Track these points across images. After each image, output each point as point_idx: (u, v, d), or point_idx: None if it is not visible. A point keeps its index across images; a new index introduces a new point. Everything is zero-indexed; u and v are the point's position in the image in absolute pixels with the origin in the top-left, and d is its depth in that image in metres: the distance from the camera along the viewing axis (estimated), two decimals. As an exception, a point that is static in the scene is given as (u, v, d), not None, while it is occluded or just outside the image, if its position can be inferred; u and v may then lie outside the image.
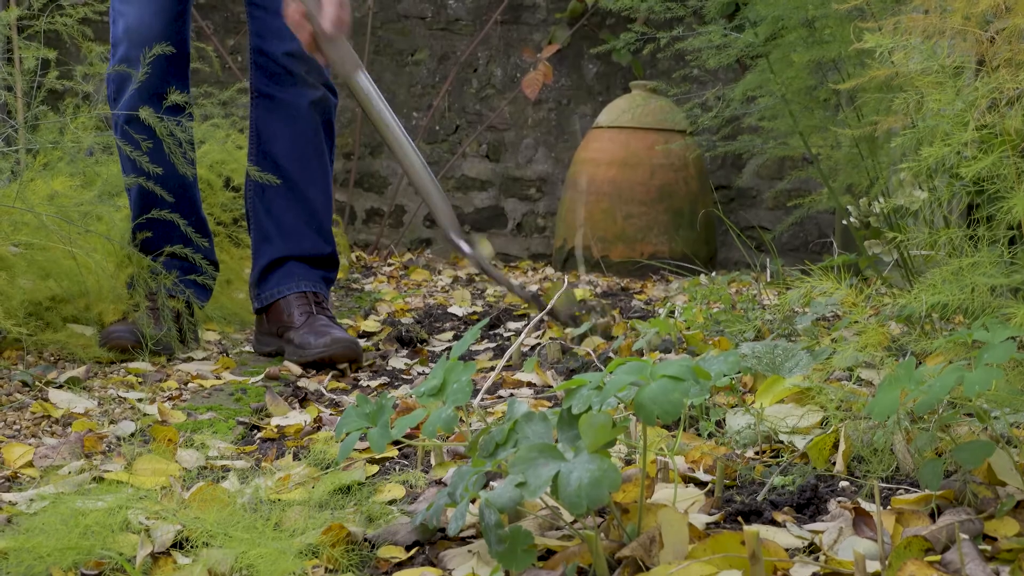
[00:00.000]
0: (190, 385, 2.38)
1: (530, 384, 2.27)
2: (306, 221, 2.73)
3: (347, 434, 1.37)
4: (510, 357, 2.42)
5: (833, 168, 3.29)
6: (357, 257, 4.93)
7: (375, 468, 1.66)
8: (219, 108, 3.79)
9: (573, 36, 5.26)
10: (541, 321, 3.02)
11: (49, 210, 2.75)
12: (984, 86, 1.94)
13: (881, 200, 3.19)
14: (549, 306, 2.52)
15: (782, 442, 1.67)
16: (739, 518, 1.36)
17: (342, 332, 2.58)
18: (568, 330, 2.66)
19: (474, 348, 2.75)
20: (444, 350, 2.75)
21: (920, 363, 1.93)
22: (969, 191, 1.64)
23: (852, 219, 3.68)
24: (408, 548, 1.31)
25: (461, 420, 1.62)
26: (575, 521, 1.30)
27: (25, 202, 2.72)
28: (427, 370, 2.55)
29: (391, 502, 1.48)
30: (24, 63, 3.55)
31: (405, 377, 2.46)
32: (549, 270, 4.88)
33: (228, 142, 3.63)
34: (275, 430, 1.99)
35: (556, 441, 1.22)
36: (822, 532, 1.30)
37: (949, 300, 1.40)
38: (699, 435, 1.76)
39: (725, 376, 1.32)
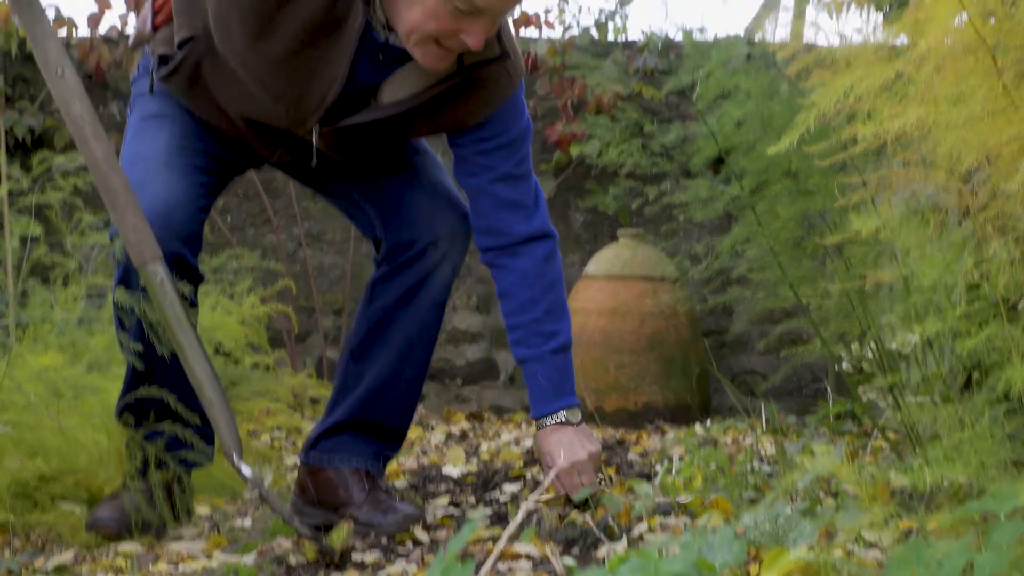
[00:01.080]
0: (181, 567, 2.32)
1: (528, 556, 2.22)
2: (388, 395, 2.64)
3: (343, 636, 1.33)
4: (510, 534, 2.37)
5: (824, 317, 3.29)
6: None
7: (372, 661, 1.61)
8: (210, 274, 3.79)
9: (559, 187, 5.32)
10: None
11: (38, 387, 2.72)
12: (970, 252, 1.95)
13: (874, 346, 3.19)
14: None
15: (790, 619, 1.63)
16: None
17: (405, 506, 2.54)
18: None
19: (470, 514, 2.70)
20: (444, 514, 2.71)
21: (924, 530, 1.89)
22: (966, 366, 1.63)
23: (845, 365, 3.68)
24: None
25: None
26: None
27: (13, 380, 2.70)
28: (422, 539, 2.50)
29: None
30: (14, 236, 3.57)
31: (400, 551, 2.41)
32: (543, 421, 4.83)
33: (218, 308, 3.62)
34: (269, 617, 1.93)
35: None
36: None
37: (952, 475, 1.38)
38: (704, 613, 1.71)
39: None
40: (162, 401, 2.56)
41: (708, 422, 4.19)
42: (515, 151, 2.47)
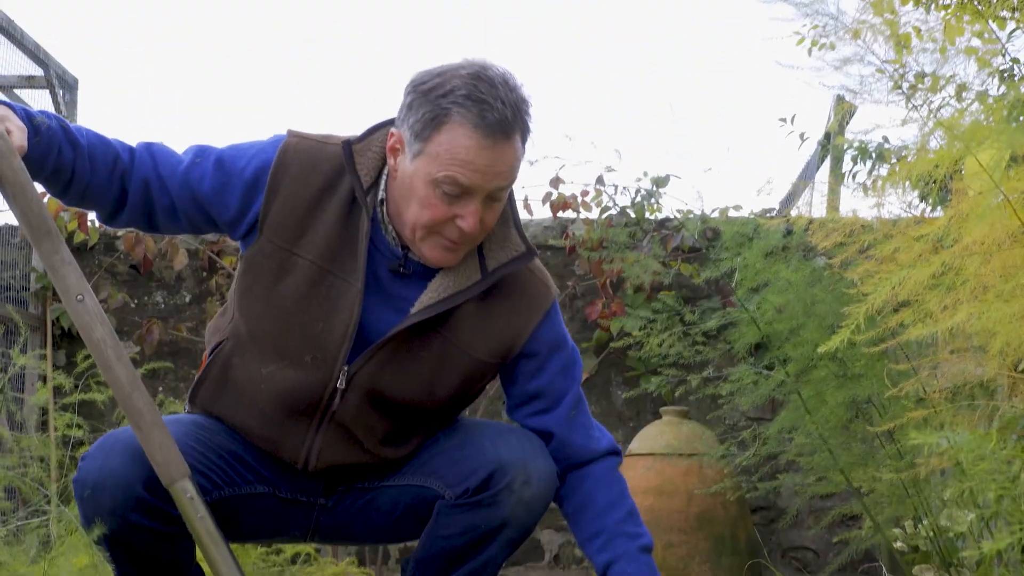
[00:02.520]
0: None
1: None
2: None
3: None
4: None
5: (877, 501, 3.23)
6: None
7: None
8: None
9: (601, 364, 5.30)
10: None
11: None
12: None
13: (929, 526, 3.11)
14: None
15: None
16: None
17: None
18: None
19: None
20: None
21: None
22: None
23: (899, 544, 3.59)
24: None
25: None
26: None
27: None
28: None
29: None
30: (57, 431, 3.58)
31: None
32: (590, 605, 4.73)
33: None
34: None
35: None
36: None
37: None
38: None
39: None
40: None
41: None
42: (569, 374, 2.41)
